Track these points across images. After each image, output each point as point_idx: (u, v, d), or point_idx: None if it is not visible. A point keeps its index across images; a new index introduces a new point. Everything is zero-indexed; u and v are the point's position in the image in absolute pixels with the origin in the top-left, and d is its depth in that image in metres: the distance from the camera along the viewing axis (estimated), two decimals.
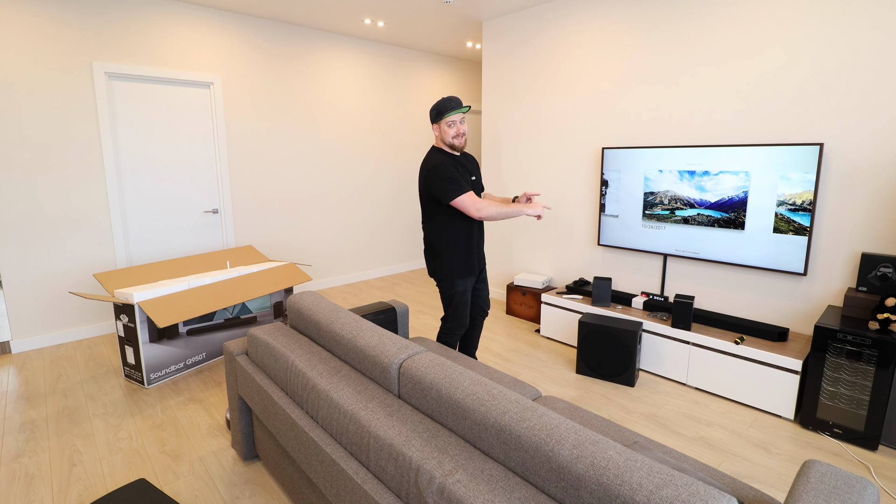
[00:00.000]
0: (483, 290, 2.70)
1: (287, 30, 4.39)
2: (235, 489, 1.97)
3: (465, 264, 2.48)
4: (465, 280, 2.50)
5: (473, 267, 2.51)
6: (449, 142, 2.40)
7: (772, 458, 2.20)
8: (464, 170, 2.45)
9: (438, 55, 5.65)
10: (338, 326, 1.73)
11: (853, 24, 2.45)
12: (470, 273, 2.50)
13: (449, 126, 2.37)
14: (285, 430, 1.61)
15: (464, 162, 2.49)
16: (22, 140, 3.25)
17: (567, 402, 1.74)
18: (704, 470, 1.31)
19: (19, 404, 2.66)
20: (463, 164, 2.47)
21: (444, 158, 2.39)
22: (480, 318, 2.73)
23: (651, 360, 3.01)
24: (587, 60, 3.60)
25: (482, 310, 2.71)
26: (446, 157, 2.40)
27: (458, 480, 1.06)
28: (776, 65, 2.71)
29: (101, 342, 3.56)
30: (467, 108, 2.38)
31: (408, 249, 5.76)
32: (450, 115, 2.35)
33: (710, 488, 0.85)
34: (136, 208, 3.79)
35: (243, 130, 4.25)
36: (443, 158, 2.38)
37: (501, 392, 1.22)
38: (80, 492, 1.96)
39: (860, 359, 2.23)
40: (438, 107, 2.37)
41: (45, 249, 3.41)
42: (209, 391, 2.80)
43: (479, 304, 2.70)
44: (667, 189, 3.13)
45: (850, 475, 1.10)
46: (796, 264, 2.65)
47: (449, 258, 2.47)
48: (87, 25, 3.42)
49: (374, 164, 5.25)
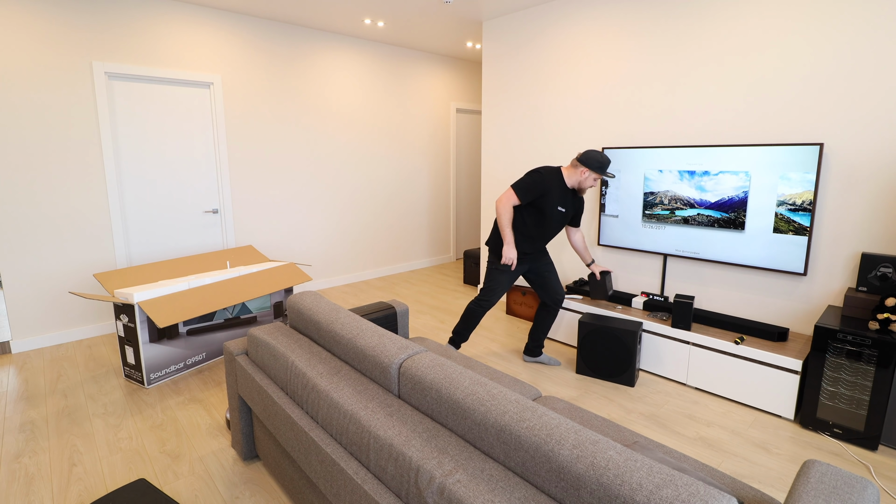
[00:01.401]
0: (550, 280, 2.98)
1: (287, 30, 4.39)
2: (235, 489, 1.97)
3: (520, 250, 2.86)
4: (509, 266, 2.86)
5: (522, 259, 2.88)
6: (578, 183, 2.73)
7: (772, 458, 2.20)
8: (559, 198, 2.73)
9: (438, 55, 5.65)
10: (338, 326, 1.73)
11: (853, 24, 2.45)
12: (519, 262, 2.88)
13: (595, 180, 2.70)
14: (285, 430, 1.61)
15: (568, 195, 2.77)
16: (22, 140, 3.25)
17: (567, 402, 1.74)
18: (704, 470, 1.31)
19: (19, 404, 2.66)
20: (563, 195, 2.75)
21: (553, 177, 2.72)
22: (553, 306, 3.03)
23: (651, 360, 3.01)
24: (587, 60, 3.60)
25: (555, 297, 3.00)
26: (556, 178, 2.73)
27: (458, 480, 1.06)
28: (776, 64, 2.71)
29: (101, 342, 3.56)
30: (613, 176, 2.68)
31: (408, 249, 5.76)
32: (601, 174, 2.68)
33: (710, 488, 0.85)
34: (136, 208, 3.79)
35: (243, 130, 4.25)
36: (552, 176, 2.72)
37: (501, 392, 1.22)
38: (80, 492, 1.96)
39: (860, 359, 2.22)
40: (602, 162, 2.66)
41: (45, 249, 3.41)
42: (209, 391, 2.80)
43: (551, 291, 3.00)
44: (667, 189, 3.13)
45: (850, 475, 1.10)
46: (796, 264, 2.65)
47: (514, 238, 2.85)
48: (87, 25, 3.42)
49: (375, 164, 5.25)
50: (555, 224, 2.79)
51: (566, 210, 2.78)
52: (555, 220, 2.77)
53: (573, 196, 2.81)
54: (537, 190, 2.68)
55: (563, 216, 2.79)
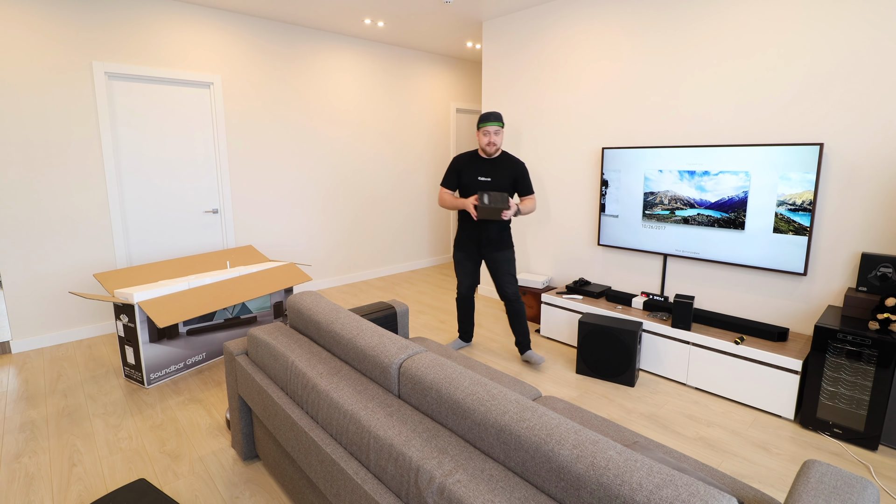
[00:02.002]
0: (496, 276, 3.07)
1: (287, 30, 4.39)
2: (235, 489, 1.97)
3: (459, 239, 3.11)
4: (457, 253, 3.13)
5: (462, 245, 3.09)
6: (482, 148, 2.95)
7: (772, 458, 2.20)
8: (477, 169, 2.96)
9: (438, 55, 5.65)
10: (338, 326, 1.73)
11: (852, 24, 2.45)
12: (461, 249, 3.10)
13: (484, 136, 2.90)
14: (285, 430, 1.62)
15: (488, 165, 2.96)
16: (22, 140, 3.25)
17: (567, 402, 1.74)
18: (704, 470, 1.31)
19: (19, 404, 2.66)
20: (481, 166, 2.96)
21: (464, 155, 3.04)
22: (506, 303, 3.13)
23: (651, 360, 3.01)
24: (587, 60, 3.60)
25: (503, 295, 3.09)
26: (466, 155, 3.04)
27: (458, 480, 1.06)
28: (776, 64, 2.71)
29: (101, 342, 3.56)
30: (500, 123, 2.88)
31: (408, 249, 5.76)
32: (480, 127, 2.91)
33: (710, 488, 0.85)
34: (136, 208, 3.79)
35: (243, 130, 4.25)
36: (462, 154, 3.05)
37: (501, 392, 1.22)
38: (80, 492, 1.96)
39: (860, 359, 2.23)
40: (480, 118, 2.92)
41: (45, 249, 3.41)
42: (209, 391, 2.80)
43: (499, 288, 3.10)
44: (667, 189, 3.13)
45: (850, 475, 1.10)
46: (796, 264, 2.65)
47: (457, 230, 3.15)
48: (87, 25, 3.42)
49: (375, 163, 5.25)
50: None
51: (493, 179, 2.93)
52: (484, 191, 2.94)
53: (495, 165, 2.95)
54: (451, 171, 3.03)
55: (494, 186, 2.94)
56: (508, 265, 3.03)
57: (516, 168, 2.95)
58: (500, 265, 3.02)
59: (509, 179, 2.95)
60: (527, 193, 2.99)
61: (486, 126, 2.86)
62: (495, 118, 2.87)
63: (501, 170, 2.94)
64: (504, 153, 3.00)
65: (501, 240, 3.02)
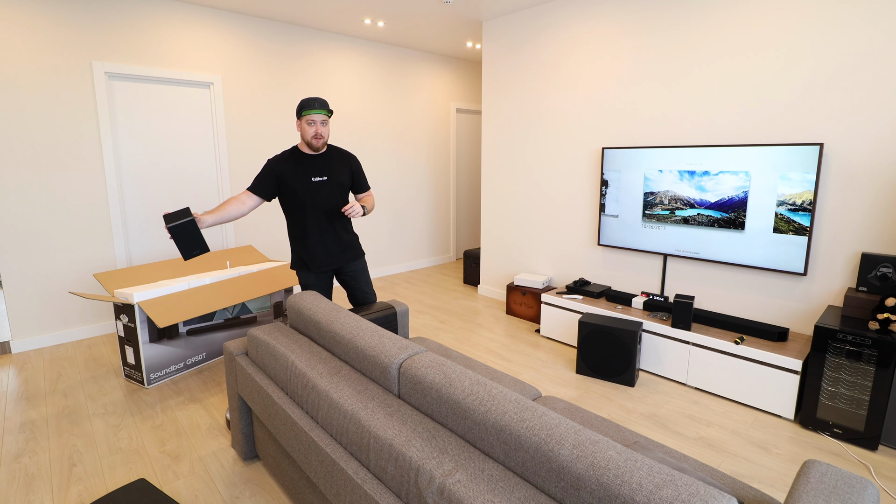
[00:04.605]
0: (356, 288, 2.62)
1: (287, 30, 4.39)
2: (235, 489, 1.97)
3: (304, 258, 2.51)
4: (306, 273, 2.54)
5: (316, 262, 2.50)
6: (307, 142, 2.42)
7: (772, 458, 2.20)
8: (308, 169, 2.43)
9: (438, 55, 5.65)
10: (338, 326, 1.73)
11: (853, 25, 2.45)
12: (313, 268, 2.51)
13: (308, 125, 2.38)
14: (285, 430, 1.61)
15: (319, 162, 2.46)
16: (22, 140, 3.25)
17: (567, 402, 1.74)
18: (704, 470, 1.31)
19: (19, 404, 2.66)
20: (311, 165, 2.45)
21: (282, 155, 2.45)
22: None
23: (651, 360, 3.01)
24: (587, 60, 3.60)
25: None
26: (286, 154, 2.45)
27: (458, 480, 1.06)
28: (776, 65, 2.71)
29: (101, 342, 3.56)
30: (327, 112, 2.39)
31: (407, 249, 5.76)
32: (302, 116, 2.38)
33: (710, 488, 0.85)
34: (136, 208, 3.79)
35: (243, 130, 4.25)
36: (279, 155, 2.46)
37: (501, 392, 1.22)
38: (80, 492, 1.96)
39: (860, 359, 2.23)
40: (301, 106, 2.37)
41: (45, 249, 3.41)
42: (209, 391, 2.80)
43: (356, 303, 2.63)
44: (667, 189, 3.13)
45: (850, 475, 1.10)
46: (796, 264, 2.65)
47: (292, 250, 2.57)
48: (87, 25, 3.42)
49: (374, 163, 5.25)
50: (322, 198, 2.45)
51: (329, 178, 2.46)
52: (321, 194, 2.45)
53: (328, 161, 2.49)
54: (267, 175, 2.40)
55: (331, 184, 2.46)
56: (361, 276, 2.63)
57: (352, 162, 2.57)
58: (357, 276, 2.61)
59: (348, 176, 2.54)
60: (365, 190, 2.63)
61: (310, 114, 2.35)
62: (321, 105, 2.36)
63: (337, 166, 2.50)
64: (331, 146, 2.54)
65: (353, 246, 2.60)
